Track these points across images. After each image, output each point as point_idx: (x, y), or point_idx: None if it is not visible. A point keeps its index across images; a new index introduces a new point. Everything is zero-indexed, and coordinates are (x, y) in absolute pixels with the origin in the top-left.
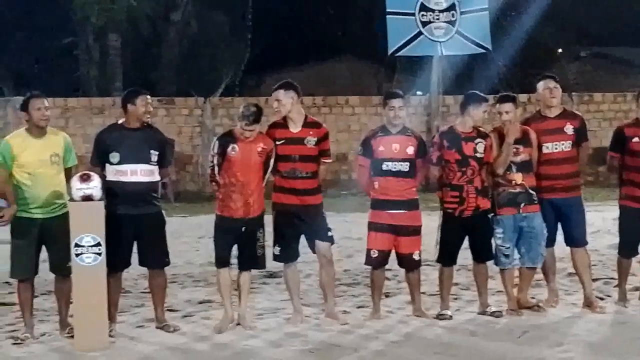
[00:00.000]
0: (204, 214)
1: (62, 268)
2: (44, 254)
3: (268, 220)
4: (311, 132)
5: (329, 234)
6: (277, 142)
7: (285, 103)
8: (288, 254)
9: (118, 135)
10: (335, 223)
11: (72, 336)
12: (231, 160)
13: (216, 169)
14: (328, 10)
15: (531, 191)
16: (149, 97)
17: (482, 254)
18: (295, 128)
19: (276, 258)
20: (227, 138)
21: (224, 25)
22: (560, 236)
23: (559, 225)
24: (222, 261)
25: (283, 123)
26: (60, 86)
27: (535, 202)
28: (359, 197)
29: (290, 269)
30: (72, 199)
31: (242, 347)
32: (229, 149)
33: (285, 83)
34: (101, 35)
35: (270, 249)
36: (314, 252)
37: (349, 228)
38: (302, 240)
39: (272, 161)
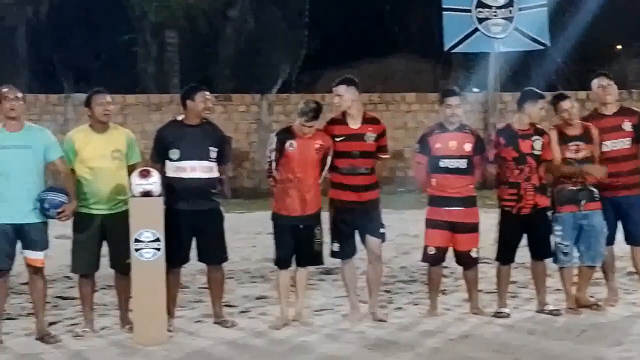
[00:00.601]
0: (261, 210)
1: (121, 265)
2: (104, 248)
3: (324, 217)
4: (370, 128)
5: (382, 230)
6: (337, 139)
7: (347, 98)
8: (346, 251)
9: (178, 132)
10: (392, 220)
11: (132, 330)
12: (289, 156)
13: (273, 164)
14: (384, 7)
15: (592, 188)
16: (207, 93)
17: (540, 251)
18: (354, 124)
19: (334, 254)
20: (286, 134)
21: (280, 21)
22: (620, 234)
23: (619, 224)
24: (282, 262)
25: (342, 119)
26: (118, 83)
27: (597, 199)
28: (416, 194)
29: (348, 265)
30: (132, 195)
31: (299, 342)
32: (287, 144)
33: (346, 78)
34: (159, 32)
35: (327, 245)
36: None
37: (406, 225)
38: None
39: (329, 158)
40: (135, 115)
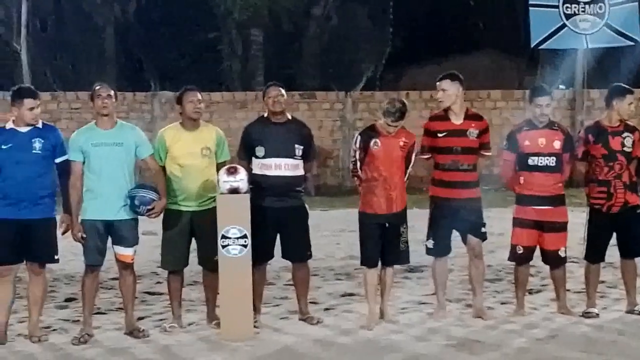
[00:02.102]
0: (344, 207)
1: (209, 262)
2: (193, 244)
3: (412, 215)
4: (473, 125)
5: (483, 229)
6: (439, 135)
7: (451, 93)
8: (441, 248)
9: (264, 129)
10: None
11: (219, 326)
12: (373, 155)
13: (358, 163)
14: (469, 3)
15: None
16: (281, 89)
17: (630, 250)
18: (457, 120)
19: (429, 252)
20: (370, 132)
21: (364, 19)
22: None
23: None
24: (369, 261)
25: (444, 115)
26: (204, 80)
27: None
28: (501, 192)
29: (440, 263)
30: (220, 192)
31: (385, 341)
32: (371, 143)
33: (451, 73)
34: (243, 30)
35: (414, 242)
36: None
37: (491, 223)
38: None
39: (413, 156)
40: (220, 112)
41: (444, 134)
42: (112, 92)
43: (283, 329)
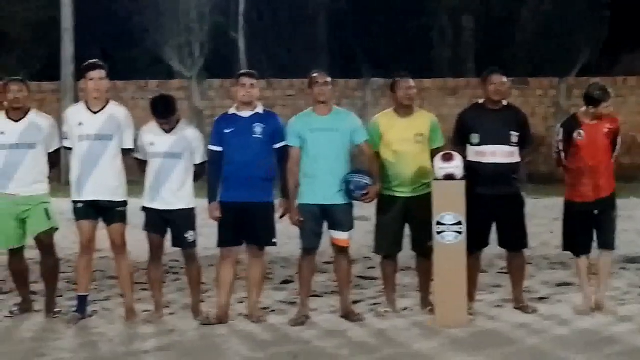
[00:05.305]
0: (557, 195)
1: (423, 247)
2: (407, 230)
3: (630, 204)
4: None
5: None
6: None
7: None
8: None
9: (478, 116)
10: None
11: (432, 312)
12: (578, 146)
13: (562, 154)
14: None
15: None
16: (504, 77)
17: None
18: None
19: None
20: (572, 123)
21: (580, 2)
22: None
23: None
24: (576, 248)
25: None
26: (415, 67)
27: None
28: None
29: None
30: (435, 178)
31: (604, 332)
32: (575, 134)
33: None
34: (455, 17)
35: (634, 232)
36: None
37: None
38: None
39: (619, 139)
40: (431, 99)
41: None
42: (329, 80)
43: (498, 317)
